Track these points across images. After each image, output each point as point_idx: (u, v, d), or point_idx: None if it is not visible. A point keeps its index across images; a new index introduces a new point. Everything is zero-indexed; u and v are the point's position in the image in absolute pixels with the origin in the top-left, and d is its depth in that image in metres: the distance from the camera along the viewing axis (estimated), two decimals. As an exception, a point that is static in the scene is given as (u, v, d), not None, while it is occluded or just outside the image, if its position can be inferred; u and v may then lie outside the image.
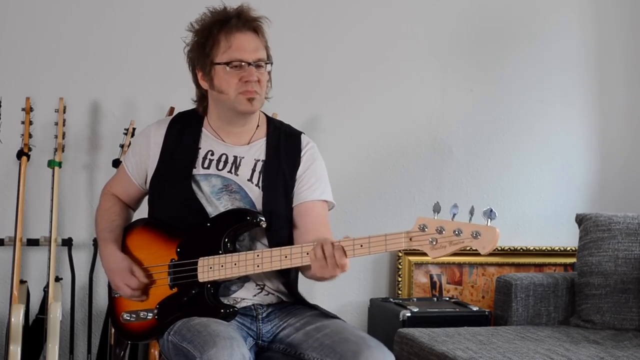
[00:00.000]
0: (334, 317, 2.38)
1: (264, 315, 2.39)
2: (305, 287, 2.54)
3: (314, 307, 2.42)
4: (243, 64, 2.34)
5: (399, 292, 3.77)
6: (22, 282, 3.29)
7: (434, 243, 2.03)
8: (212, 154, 2.44)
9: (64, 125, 3.35)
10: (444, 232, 2.02)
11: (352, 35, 3.78)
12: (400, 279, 3.78)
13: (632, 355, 2.84)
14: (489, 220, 1.97)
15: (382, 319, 3.57)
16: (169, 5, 3.57)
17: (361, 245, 2.13)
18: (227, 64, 2.34)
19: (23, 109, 3.30)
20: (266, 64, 2.39)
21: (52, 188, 3.29)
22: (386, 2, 3.82)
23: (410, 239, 2.06)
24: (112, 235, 2.49)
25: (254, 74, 2.34)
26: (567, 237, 3.87)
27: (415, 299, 3.66)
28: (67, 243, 3.40)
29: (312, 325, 2.31)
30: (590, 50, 4.00)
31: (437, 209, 2.04)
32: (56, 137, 3.34)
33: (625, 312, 3.29)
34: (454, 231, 2.00)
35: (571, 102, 3.98)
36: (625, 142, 4.03)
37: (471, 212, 1.99)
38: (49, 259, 3.24)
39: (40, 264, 3.45)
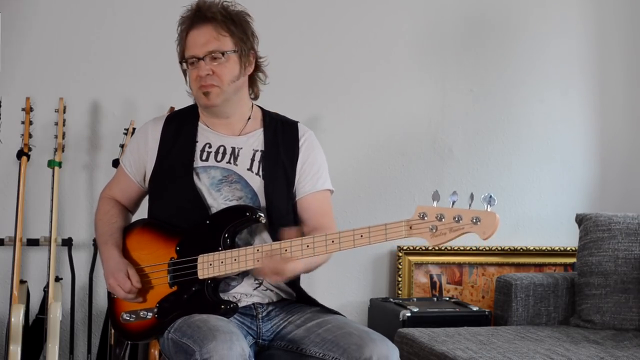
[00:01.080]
0: (335, 312, 2.39)
1: (264, 314, 2.39)
2: (305, 287, 2.53)
3: (314, 303, 2.43)
4: (194, 60, 2.38)
5: (399, 292, 3.77)
6: (22, 282, 3.29)
7: (434, 230, 2.02)
8: (210, 147, 2.45)
9: (64, 125, 3.35)
10: (443, 219, 2.01)
11: (352, 36, 3.78)
12: (400, 279, 3.78)
13: (632, 355, 2.84)
14: (489, 206, 1.97)
15: (382, 319, 3.57)
16: (169, 5, 3.55)
17: (361, 236, 2.13)
18: (184, 62, 2.41)
19: (23, 109, 3.31)
20: (229, 52, 2.38)
21: (52, 188, 3.29)
22: (386, 2, 3.82)
23: (410, 227, 2.05)
24: (112, 239, 2.48)
25: (203, 68, 2.36)
26: (567, 237, 3.87)
27: (415, 299, 3.66)
28: (67, 243, 3.40)
29: (313, 321, 2.32)
30: (590, 50, 4.00)
31: (436, 197, 2.03)
32: (56, 137, 3.34)
33: (625, 312, 3.29)
34: (454, 218, 1.99)
35: (571, 102, 3.98)
36: (625, 142, 4.03)
37: (471, 199, 1.98)
38: (49, 259, 3.23)
39: (40, 264, 3.44)
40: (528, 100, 3.95)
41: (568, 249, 3.90)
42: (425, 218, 2.03)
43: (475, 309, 3.50)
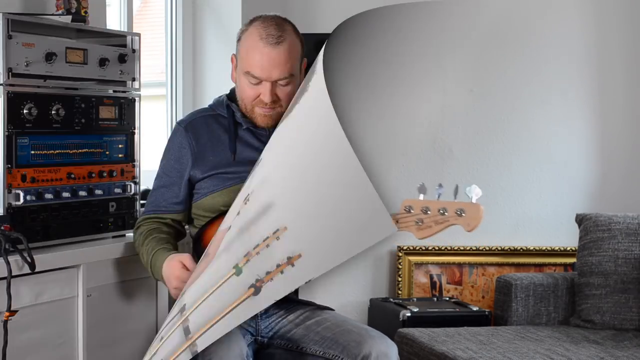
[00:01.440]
0: (329, 309, 2.41)
1: (262, 311, 2.39)
2: (306, 286, 2.53)
3: (308, 303, 2.44)
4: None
5: (399, 292, 3.77)
6: None
7: (420, 224, 2.03)
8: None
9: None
10: (429, 212, 2.02)
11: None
12: (400, 279, 3.78)
13: (632, 355, 2.84)
14: (474, 197, 1.97)
15: (382, 319, 3.57)
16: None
17: None
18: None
19: None
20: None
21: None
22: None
23: (397, 221, 2.06)
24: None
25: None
26: (567, 237, 3.86)
27: (415, 299, 3.66)
28: None
29: (312, 319, 2.33)
30: (590, 50, 3.99)
31: (422, 190, 2.04)
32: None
33: (625, 312, 3.29)
34: (439, 210, 2.00)
35: (571, 102, 3.98)
36: (625, 142, 4.03)
37: (455, 191, 1.98)
38: None
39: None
40: (528, 100, 3.94)
41: (568, 249, 3.90)
42: (411, 211, 2.04)
43: (475, 309, 3.50)
